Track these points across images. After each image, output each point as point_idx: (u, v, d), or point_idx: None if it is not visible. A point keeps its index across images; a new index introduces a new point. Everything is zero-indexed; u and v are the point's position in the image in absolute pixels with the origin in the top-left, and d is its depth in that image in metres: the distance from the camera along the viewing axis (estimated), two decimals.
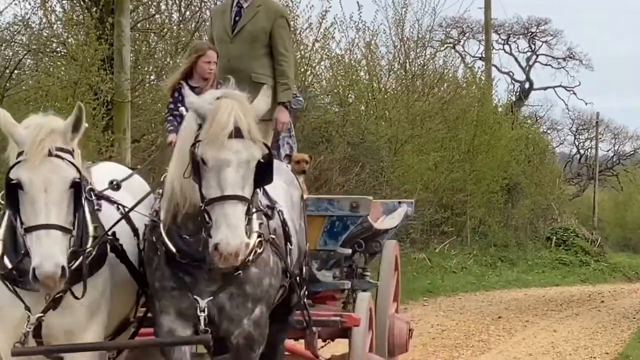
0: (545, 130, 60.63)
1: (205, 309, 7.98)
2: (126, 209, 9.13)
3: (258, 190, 8.79)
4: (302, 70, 37.68)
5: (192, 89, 10.47)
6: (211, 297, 8.01)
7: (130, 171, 10.21)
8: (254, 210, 8.13)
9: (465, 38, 56.11)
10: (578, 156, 68.05)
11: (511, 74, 66.21)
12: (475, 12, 54.73)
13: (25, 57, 30.92)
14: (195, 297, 8.01)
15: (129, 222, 9.05)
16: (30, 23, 31.29)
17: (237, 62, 11.36)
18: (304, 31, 38.40)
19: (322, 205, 10.82)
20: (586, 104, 71.80)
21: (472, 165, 42.58)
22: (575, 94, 71.65)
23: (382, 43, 41.07)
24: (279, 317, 9.67)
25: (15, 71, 29.72)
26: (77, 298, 8.19)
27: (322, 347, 11.36)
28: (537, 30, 65.01)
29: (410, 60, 41.43)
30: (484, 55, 57.13)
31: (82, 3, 33.06)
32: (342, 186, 34.97)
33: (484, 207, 44.01)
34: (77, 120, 7.89)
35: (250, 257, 8.00)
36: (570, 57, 67.21)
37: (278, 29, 11.54)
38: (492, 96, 52.37)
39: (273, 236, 8.60)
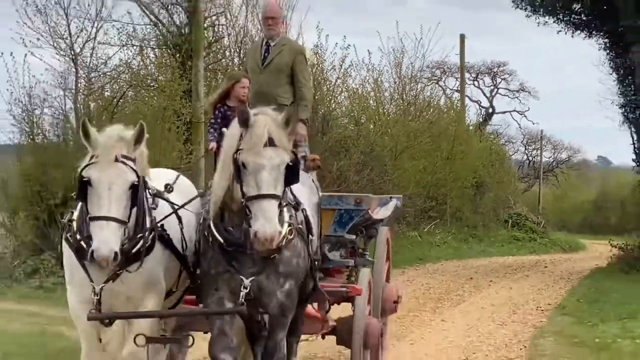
0: (503, 143, 61.04)
1: (248, 287, 8.31)
2: (175, 207, 9.33)
3: (288, 190, 9.06)
4: (328, 99, 36.91)
5: (229, 108, 11.61)
6: (253, 277, 8.36)
7: (177, 173, 10.54)
8: (284, 204, 8.43)
9: (445, 76, 56.32)
10: (527, 162, 68.87)
11: (479, 102, 66.94)
12: (453, 57, 54.86)
13: (127, 90, 30.61)
14: (241, 277, 8.38)
15: (177, 216, 9.23)
16: (131, 65, 31.29)
17: (266, 88, 11.39)
18: (329, 71, 37.24)
19: (333, 200, 11.20)
20: (533, 123, 72.32)
21: (450, 169, 43.22)
22: (525, 116, 72.22)
23: (386, 79, 40.94)
24: (304, 293, 9.76)
25: (120, 100, 29.88)
26: (128, 272, 8.53)
27: (328, 310, 11.13)
28: (498, 70, 65.40)
29: (406, 92, 41.91)
30: (459, 88, 57.55)
31: (169, 50, 33.30)
32: (357, 183, 34.68)
33: (459, 198, 45.06)
34: (138, 134, 8.18)
35: (283, 243, 8.33)
36: (522, 90, 67.85)
37: (298, 63, 11.77)
38: (465, 118, 53.33)
39: (300, 226, 8.90)
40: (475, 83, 64.15)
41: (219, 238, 8.35)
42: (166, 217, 8.87)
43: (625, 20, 32.92)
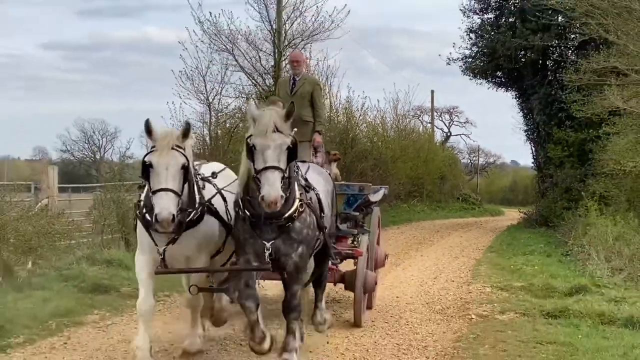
0: (456, 153, 60.41)
1: (270, 249, 7.40)
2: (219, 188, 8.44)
3: (300, 175, 8.12)
4: (354, 128, 34.67)
5: None
6: (272, 242, 7.41)
7: (224, 166, 9.52)
8: (287, 177, 7.31)
9: (422, 114, 55.79)
10: (470, 163, 68.06)
11: (442, 129, 66.15)
12: (427, 103, 54.47)
13: (239, 123, 27.70)
14: (263, 242, 7.42)
15: (221, 195, 8.34)
16: (241, 109, 28.21)
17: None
18: (355, 111, 34.87)
19: (343, 187, 10.79)
20: (474, 141, 71.36)
21: (425, 168, 41.69)
22: (469, 137, 71.36)
23: (388, 116, 38.66)
24: (324, 257, 8.88)
25: (235, 129, 27.53)
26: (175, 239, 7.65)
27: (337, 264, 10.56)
28: (453, 110, 64.18)
29: (400, 123, 40.43)
30: (430, 121, 56.95)
31: (263, 100, 25.14)
32: (372, 177, 30.70)
33: (430, 185, 43.26)
34: (185, 131, 7.48)
35: (295, 215, 7.45)
36: (467, 122, 66.12)
37: (316, 92, 11.31)
38: (434, 139, 51.90)
39: (309, 202, 7.81)
40: (440, 118, 63.33)
41: (246, 211, 7.51)
42: (213, 196, 8.12)
43: (526, 82, 33.05)
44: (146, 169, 7.27)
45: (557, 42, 31.46)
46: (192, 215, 7.56)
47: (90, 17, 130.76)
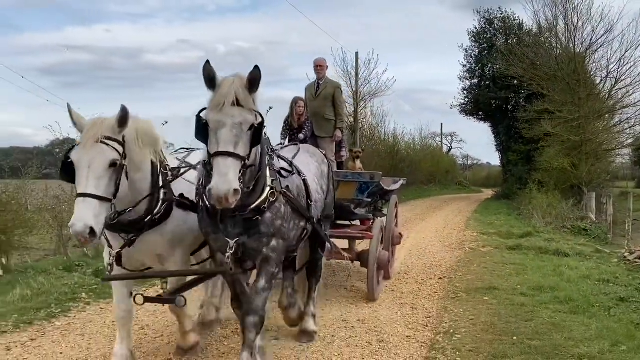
0: (454, 158, 58.98)
1: (234, 247, 3.86)
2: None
3: (276, 156, 4.48)
4: (397, 145, 33.06)
5: (291, 120, 7.73)
6: (237, 238, 3.88)
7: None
8: (250, 165, 3.69)
9: (435, 136, 54.85)
10: (462, 164, 66.37)
11: (447, 145, 64.61)
12: (438, 131, 53.76)
13: None
14: (226, 239, 3.90)
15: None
16: None
17: (318, 109, 7.84)
18: (399, 137, 33.94)
19: (355, 176, 7.33)
20: (465, 151, 70.09)
21: (437, 167, 40.31)
22: (462, 149, 69.84)
23: (417, 137, 38.57)
24: (316, 245, 5.29)
25: None
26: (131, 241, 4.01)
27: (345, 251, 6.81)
28: (453, 134, 62.29)
29: (422, 142, 39.83)
30: (440, 141, 55.99)
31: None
32: (406, 173, 29.33)
33: (440, 176, 41.18)
34: (121, 118, 3.61)
35: (265, 206, 3.95)
36: (462, 140, 64.63)
37: (337, 93, 8.04)
38: (442, 151, 51.21)
39: (284, 190, 4.17)
40: (446, 138, 61.54)
41: (207, 202, 3.90)
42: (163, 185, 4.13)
43: (496, 117, 32.57)
44: (68, 167, 3.59)
45: (513, 95, 30.81)
46: (150, 216, 4.01)
47: None
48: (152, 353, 4.96)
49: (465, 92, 34.56)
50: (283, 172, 4.27)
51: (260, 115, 3.62)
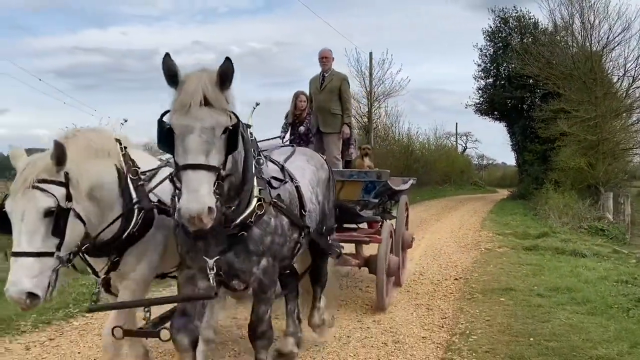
0: (469, 157, 58.52)
1: (214, 267, 3.18)
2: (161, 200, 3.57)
3: (266, 160, 3.84)
4: (412, 146, 32.97)
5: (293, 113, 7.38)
6: (218, 257, 3.18)
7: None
8: (228, 175, 2.95)
9: (450, 136, 54.40)
10: (477, 164, 65.72)
11: (461, 145, 64.19)
12: (453, 129, 53.38)
13: None
14: (204, 257, 3.21)
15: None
16: None
17: (323, 103, 7.27)
18: (413, 137, 34.13)
19: (361, 175, 6.37)
20: (480, 151, 69.52)
21: (452, 167, 39.88)
22: (477, 148, 69.36)
23: (431, 139, 38.32)
24: (317, 253, 4.66)
25: None
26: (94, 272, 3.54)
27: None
28: (468, 134, 61.68)
29: (437, 142, 39.37)
30: (455, 141, 55.49)
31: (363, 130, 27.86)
32: (421, 174, 29.21)
33: (455, 176, 40.52)
34: (57, 155, 2.86)
35: (252, 220, 3.26)
36: (477, 140, 64.30)
37: (344, 86, 7.31)
38: (457, 151, 50.46)
39: (275, 200, 3.46)
40: (460, 138, 61.21)
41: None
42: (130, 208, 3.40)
43: (511, 117, 32.47)
44: (5, 219, 2.88)
45: (529, 94, 30.53)
46: (131, 227, 3.38)
47: None
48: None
49: (480, 91, 34.43)
50: (273, 182, 3.60)
51: (236, 116, 2.99)
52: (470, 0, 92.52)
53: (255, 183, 3.37)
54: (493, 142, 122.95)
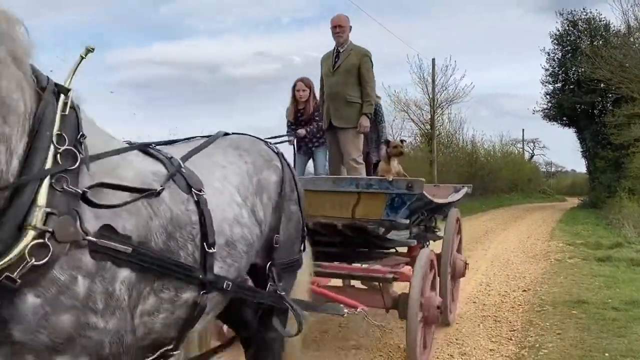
0: (537, 165, 57.10)
1: None
2: None
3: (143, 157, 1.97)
4: (477, 153, 32.89)
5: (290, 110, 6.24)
6: None
7: None
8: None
9: (516, 142, 53.45)
10: (545, 172, 63.69)
11: (528, 152, 62.65)
12: (520, 135, 52.54)
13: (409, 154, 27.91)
14: None
15: None
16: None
17: (337, 88, 5.79)
18: (479, 142, 33.98)
19: (383, 185, 4.47)
20: (548, 158, 67.51)
21: (519, 175, 38.64)
22: (545, 155, 67.33)
23: (497, 144, 38.08)
24: (262, 316, 2.63)
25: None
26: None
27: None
28: (535, 140, 60.07)
29: (503, 148, 38.97)
30: (522, 148, 54.59)
31: (424, 138, 28.46)
32: (487, 180, 29.60)
33: (522, 184, 39.39)
34: None
35: (15, 274, 1.18)
36: (544, 147, 62.59)
37: (364, 65, 5.73)
38: (524, 158, 49.57)
39: (100, 232, 1.35)
40: (528, 145, 59.53)
41: None
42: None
43: (581, 122, 31.69)
44: None
45: (600, 99, 29.93)
46: None
47: None
48: None
49: (548, 96, 34.00)
50: (112, 195, 1.71)
51: None
52: (535, 3, 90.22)
53: (42, 198, 1.56)
54: (562, 149, 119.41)
